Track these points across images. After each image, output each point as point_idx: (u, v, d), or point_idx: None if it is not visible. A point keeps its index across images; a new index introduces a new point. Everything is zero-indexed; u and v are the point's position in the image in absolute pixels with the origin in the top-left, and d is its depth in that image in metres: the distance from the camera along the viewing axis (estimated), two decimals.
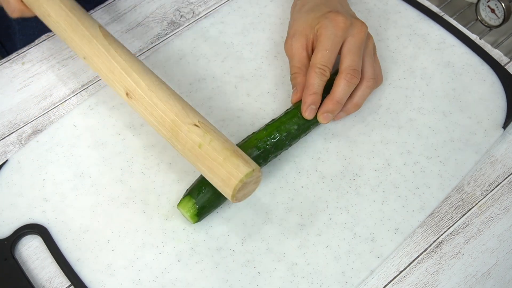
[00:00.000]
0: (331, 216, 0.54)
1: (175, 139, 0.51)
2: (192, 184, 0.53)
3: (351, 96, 0.57)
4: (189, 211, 0.51)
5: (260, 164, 0.54)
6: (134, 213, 0.54)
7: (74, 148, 0.58)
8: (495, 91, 0.62)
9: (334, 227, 0.53)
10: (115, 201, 0.55)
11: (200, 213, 0.52)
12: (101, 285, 0.50)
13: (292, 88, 0.58)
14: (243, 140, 0.55)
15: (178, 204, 0.52)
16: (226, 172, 0.47)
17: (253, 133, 0.55)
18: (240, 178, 0.47)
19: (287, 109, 0.57)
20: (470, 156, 0.57)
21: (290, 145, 0.56)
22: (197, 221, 0.52)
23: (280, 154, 0.56)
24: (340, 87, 0.55)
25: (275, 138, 0.54)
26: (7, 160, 0.57)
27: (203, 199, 0.51)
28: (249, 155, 0.52)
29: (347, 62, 0.55)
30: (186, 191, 0.53)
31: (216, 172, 0.48)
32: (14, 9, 0.58)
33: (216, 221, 0.54)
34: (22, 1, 0.58)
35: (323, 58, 0.55)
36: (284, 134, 0.55)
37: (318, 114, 0.56)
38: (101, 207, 0.54)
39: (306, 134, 0.58)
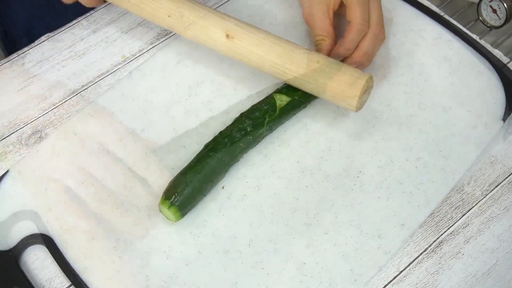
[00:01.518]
0: (337, 215, 0.54)
1: (290, 62, 0.56)
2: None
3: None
4: (167, 210, 0.51)
5: (219, 152, 0.55)
6: (139, 218, 0.54)
7: (75, 157, 0.58)
8: (493, 84, 0.62)
9: (340, 225, 0.54)
10: (119, 207, 0.54)
11: (180, 210, 0.52)
12: None
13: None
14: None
15: (160, 203, 0.52)
16: (351, 76, 0.54)
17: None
18: (366, 79, 0.54)
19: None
20: (471, 150, 0.58)
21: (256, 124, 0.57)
22: (179, 217, 0.52)
23: (257, 141, 0.58)
24: (369, 42, 0.58)
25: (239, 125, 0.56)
26: (8, 171, 0.56)
27: (181, 195, 0.52)
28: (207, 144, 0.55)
29: (374, 17, 0.58)
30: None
31: (341, 79, 0.54)
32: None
33: (222, 223, 0.54)
34: None
35: (362, 13, 0.57)
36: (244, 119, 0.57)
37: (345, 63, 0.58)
38: (105, 214, 0.54)
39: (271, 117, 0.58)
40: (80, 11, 0.68)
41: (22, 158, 0.58)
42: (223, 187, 0.56)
